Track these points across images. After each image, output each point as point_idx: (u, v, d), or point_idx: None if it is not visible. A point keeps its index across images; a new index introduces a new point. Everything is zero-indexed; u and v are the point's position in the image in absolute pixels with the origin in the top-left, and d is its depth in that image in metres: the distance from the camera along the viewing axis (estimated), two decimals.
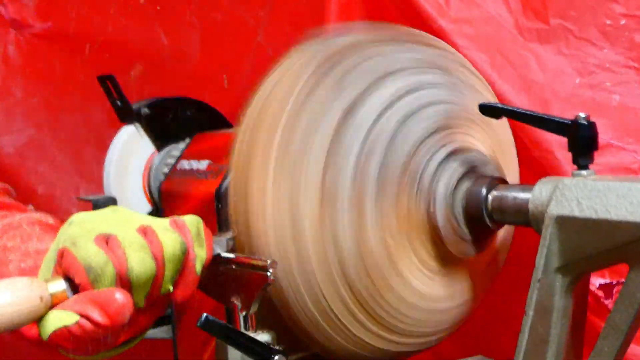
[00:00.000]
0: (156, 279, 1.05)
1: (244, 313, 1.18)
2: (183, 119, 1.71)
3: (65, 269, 1.03)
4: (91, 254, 1.01)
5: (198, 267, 1.10)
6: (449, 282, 1.23)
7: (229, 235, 1.22)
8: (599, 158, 1.10)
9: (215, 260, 1.18)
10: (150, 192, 1.70)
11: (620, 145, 1.44)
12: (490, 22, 1.55)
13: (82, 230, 1.04)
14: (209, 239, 1.13)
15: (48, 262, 1.07)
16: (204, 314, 1.11)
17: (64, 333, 0.99)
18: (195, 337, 1.57)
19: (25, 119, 2.30)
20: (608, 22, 1.49)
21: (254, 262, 1.15)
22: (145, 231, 1.06)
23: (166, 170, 1.64)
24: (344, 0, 1.74)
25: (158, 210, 1.61)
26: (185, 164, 1.53)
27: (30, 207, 1.44)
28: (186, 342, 1.60)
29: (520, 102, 1.48)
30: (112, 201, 1.64)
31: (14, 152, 2.25)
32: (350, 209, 1.14)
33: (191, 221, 1.11)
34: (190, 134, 1.67)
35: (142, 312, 1.07)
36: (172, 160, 1.64)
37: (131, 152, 1.71)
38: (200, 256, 1.11)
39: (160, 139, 1.70)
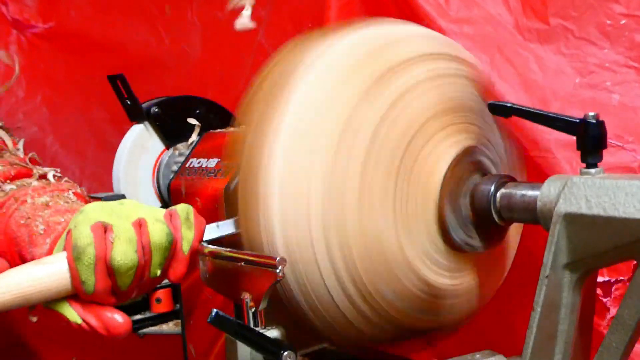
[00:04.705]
0: (140, 268, 1.19)
1: (253, 309, 1.20)
2: (192, 118, 1.73)
3: (66, 246, 1.19)
4: (80, 236, 1.17)
5: (185, 248, 1.23)
6: (458, 278, 1.24)
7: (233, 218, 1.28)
8: None
9: (219, 256, 1.24)
10: (160, 190, 1.72)
11: (619, 145, 1.44)
12: (490, 22, 1.55)
13: (85, 217, 1.20)
14: (198, 223, 1.25)
15: (61, 240, 1.23)
16: (214, 310, 1.12)
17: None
18: (204, 332, 1.58)
19: (27, 118, 2.32)
20: (608, 21, 1.49)
21: (263, 260, 1.16)
22: (140, 224, 1.20)
23: (175, 168, 1.66)
24: (344, 0, 1.75)
25: (167, 208, 1.62)
26: (194, 162, 1.55)
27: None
28: (195, 337, 1.61)
29: (520, 101, 1.46)
30: (120, 199, 1.66)
31: None
32: (359, 209, 1.15)
33: (182, 208, 1.25)
34: (199, 132, 1.69)
35: (128, 292, 1.22)
36: (181, 159, 1.65)
37: (141, 151, 1.73)
38: (187, 237, 1.23)
39: (170, 137, 1.73)
